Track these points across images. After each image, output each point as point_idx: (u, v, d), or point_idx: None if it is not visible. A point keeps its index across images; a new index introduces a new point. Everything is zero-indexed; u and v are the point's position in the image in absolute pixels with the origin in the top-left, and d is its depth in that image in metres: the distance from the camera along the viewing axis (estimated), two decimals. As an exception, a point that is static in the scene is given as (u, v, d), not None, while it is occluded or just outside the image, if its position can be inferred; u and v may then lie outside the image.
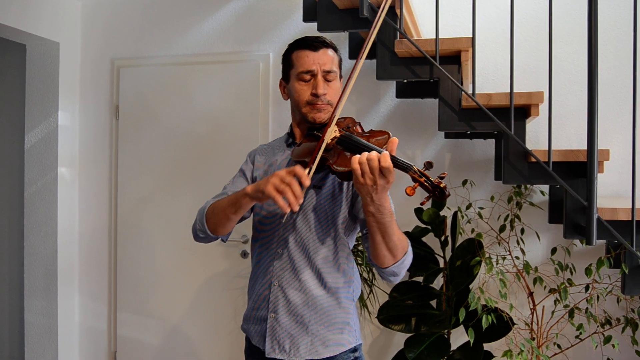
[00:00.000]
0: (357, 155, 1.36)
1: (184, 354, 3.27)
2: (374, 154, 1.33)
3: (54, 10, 3.22)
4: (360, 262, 2.75)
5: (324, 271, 1.65)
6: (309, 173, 1.48)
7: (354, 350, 1.71)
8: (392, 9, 2.27)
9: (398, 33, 2.25)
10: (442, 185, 1.30)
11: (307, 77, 1.67)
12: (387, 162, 1.32)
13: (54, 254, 3.29)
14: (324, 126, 1.63)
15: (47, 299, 3.31)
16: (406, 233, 2.65)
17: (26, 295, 3.36)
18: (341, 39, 2.94)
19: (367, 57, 2.80)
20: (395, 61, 2.29)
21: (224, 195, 1.75)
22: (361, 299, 2.71)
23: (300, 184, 1.41)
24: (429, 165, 1.32)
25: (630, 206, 2.04)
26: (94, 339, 3.45)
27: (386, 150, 1.37)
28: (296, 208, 1.40)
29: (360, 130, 1.64)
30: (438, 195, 1.31)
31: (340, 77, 1.77)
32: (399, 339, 2.89)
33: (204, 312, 3.23)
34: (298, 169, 1.41)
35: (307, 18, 2.52)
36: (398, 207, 2.94)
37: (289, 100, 1.78)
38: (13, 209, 3.48)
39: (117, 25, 3.38)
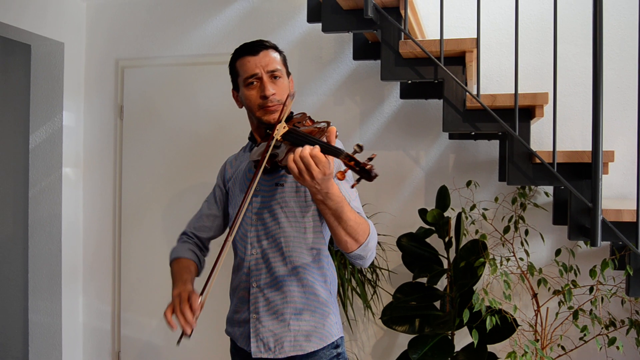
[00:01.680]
0: (291, 154, 1.39)
1: (187, 353, 3.27)
2: (306, 148, 1.36)
3: (59, 11, 3.23)
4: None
5: (299, 266, 1.68)
6: (257, 170, 1.54)
7: (337, 345, 1.74)
8: (396, 9, 2.27)
9: (402, 34, 2.25)
10: (367, 167, 1.31)
11: (253, 81, 1.70)
12: (317, 154, 1.35)
13: (58, 253, 3.30)
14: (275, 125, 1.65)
15: (51, 298, 3.32)
16: (410, 234, 2.66)
17: (30, 295, 3.37)
18: (345, 39, 2.95)
19: (371, 58, 2.81)
20: (399, 62, 2.29)
21: (199, 220, 1.98)
22: (365, 299, 2.71)
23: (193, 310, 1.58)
24: (358, 148, 1.33)
25: (635, 207, 2.04)
26: (98, 339, 3.46)
27: (325, 139, 1.41)
28: (188, 332, 1.53)
29: (310, 123, 1.66)
30: (365, 176, 1.32)
31: (289, 74, 1.78)
32: (402, 340, 2.88)
33: (208, 312, 3.22)
34: (194, 297, 1.59)
35: (311, 19, 2.52)
36: (401, 208, 2.96)
37: (243, 108, 1.83)
38: (17, 209, 3.49)
39: (121, 25, 3.39)
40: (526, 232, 2.66)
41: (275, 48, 1.76)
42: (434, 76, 2.26)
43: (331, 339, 1.71)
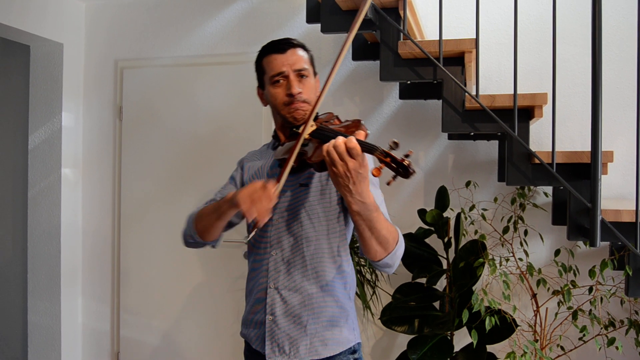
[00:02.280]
0: (326, 144, 1.35)
1: (186, 355, 3.27)
2: (340, 139, 1.33)
3: (58, 12, 3.23)
4: (363, 263, 2.75)
5: (319, 270, 1.64)
6: (284, 170, 1.50)
7: (354, 351, 1.70)
8: (395, 10, 2.27)
9: (401, 34, 2.25)
10: (405, 162, 1.28)
11: (280, 79, 1.67)
12: (352, 143, 1.31)
13: (57, 254, 3.29)
14: (303, 124, 1.62)
15: (50, 299, 3.32)
16: (409, 234, 2.66)
17: (29, 296, 3.37)
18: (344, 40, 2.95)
19: (371, 59, 2.81)
20: (398, 62, 2.29)
21: (213, 202, 1.78)
22: (364, 300, 2.71)
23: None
24: (394, 145, 1.31)
25: (634, 208, 2.04)
26: (97, 340, 3.46)
27: (355, 136, 1.37)
28: (261, 223, 1.45)
29: (338, 122, 1.64)
30: (402, 172, 1.29)
31: (315, 74, 1.76)
32: (402, 341, 2.88)
33: (206, 313, 3.23)
34: (269, 184, 1.45)
35: (310, 19, 2.52)
36: (400, 208, 2.96)
37: (267, 106, 1.79)
38: (17, 210, 3.49)
39: (121, 26, 3.39)
40: (525, 233, 2.66)
41: (303, 47, 1.73)
42: (433, 77, 2.26)
43: (348, 345, 1.67)
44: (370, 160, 1.61)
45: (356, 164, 1.31)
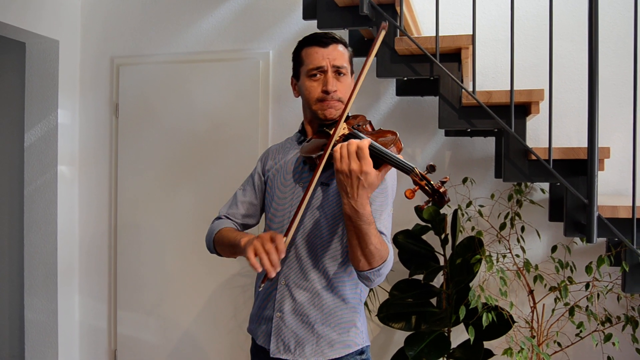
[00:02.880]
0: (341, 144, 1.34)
1: (184, 352, 3.27)
2: (353, 142, 1.32)
3: (54, 9, 3.22)
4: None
5: (332, 271, 1.63)
6: (317, 170, 1.48)
7: (361, 352, 1.69)
8: (392, 6, 2.26)
9: (398, 30, 2.25)
10: (442, 190, 1.28)
11: (317, 73, 1.65)
12: (362, 145, 1.30)
13: (54, 252, 3.29)
14: (334, 123, 1.61)
15: (47, 297, 3.31)
16: (406, 231, 2.66)
17: (26, 294, 3.36)
18: (341, 36, 2.94)
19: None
20: (395, 59, 2.29)
21: (233, 207, 1.83)
22: (361, 297, 2.71)
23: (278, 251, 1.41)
24: (431, 168, 1.30)
25: (631, 204, 2.04)
26: (94, 337, 3.45)
27: (393, 151, 1.35)
28: (272, 275, 1.40)
29: (370, 129, 1.62)
30: (437, 199, 1.29)
31: (352, 73, 1.74)
32: (399, 337, 2.89)
33: (204, 310, 3.23)
34: (278, 237, 1.42)
35: (307, 16, 2.51)
36: (398, 205, 2.94)
37: (299, 97, 1.77)
38: (13, 208, 3.48)
39: (116, 23, 3.37)
40: (522, 229, 2.67)
41: (346, 44, 1.72)
42: (429, 73, 2.26)
43: (355, 348, 1.67)
44: (391, 179, 1.61)
45: (358, 167, 1.31)
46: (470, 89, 2.18)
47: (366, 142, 1.32)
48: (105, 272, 3.42)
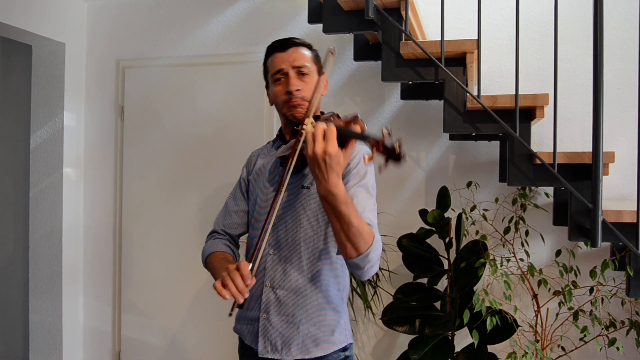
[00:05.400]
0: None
1: (188, 354, 3.28)
2: (321, 124, 1.35)
3: (60, 11, 3.23)
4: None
5: (314, 270, 1.67)
6: (289, 166, 1.52)
7: (344, 349, 1.73)
8: (397, 10, 2.27)
9: (403, 35, 2.26)
10: (397, 149, 1.29)
11: (280, 77, 1.69)
12: (331, 128, 1.34)
13: (59, 254, 3.30)
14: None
15: (51, 299, 3.32)
16: (411, 235, 2.66)
17: (31, 296, 3.38)
18: (346, 40, 2.95)
19: (372, 59, 2.82)
20: (400, 63, 2.30)
21: (228, 217, 1.89)
22: (365, 300, 2.72)
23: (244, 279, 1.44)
24: (387, 132, 1.32)
25: (636, 208, 2.04)
26: (98, 339, 3.46)
27: (356, 129, 1.40)
28: (240, 300, 1.43)
29: (337, 120, 1.64)
30: (394, 159, 1.29)
31: (321, 72, 1.75)
32: (403, 341, 2.89)
33: (207, 312, 3.23)
34: (242, 264, 1.44)
35: (312, 20, 2.52)
36: (402, 208, 2.96)
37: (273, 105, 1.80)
38: (18, 209, 3.50)
39: (122, 26, 3.39)
40: (526, 233, 2.66)
41: (307, 45, 1.75)
42: (434, 77, 2.26)
43: (339, 346, 1.71)
44: (370, 175, 1.64)
45: (321, 148, 1.33)
46: (475, 93, 2.18)
47: (332, 125, 1.35)
48: (110, 274, 3.43)
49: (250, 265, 1.48)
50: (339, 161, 1.36)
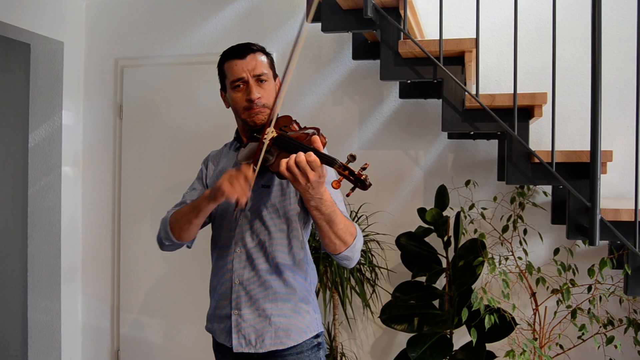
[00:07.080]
0: (285, 160, 1.44)
1: (186, 352, 3.28)
2: (301, 155, 1.42)
3: (58, 10, 3.23)
4: (363, 262, 2.75)
5: (281, 264, 1.73)
6: (254, 175, 1.58)
7: (316, 336, 1.80)
8: (395, 9, 2.27)
9: (402, 33, 2.26)
10: (362, 177, 1.38)
11: (240, 84, 1.74)
12: (312, 157, 1.41)
13: (57, 252, 3.30)
14: (263, 128, 1.67)
15: (50, 297, 3.32)
16: (409, 233, 2.67)
17: (29, 294, 3.37)
18: (344, 39, 2.95)
19: (371, 58, 2.82)
20: (398, 62, 2.30)
21: (184, 204, 1.87)
22: (364, 298, 2.72)
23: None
24: (352, 158, 1.39)
25: (634, 207, 2.05)
26: (97, 338, 3.46)
27: (313, 146, 1.47)
28: (244, 202, 1.52)
29: (296, 128, 1.70)
30: (360, 186, 1.39)
31: (276, 76, 1.82)
32: (401, 339, 2.89)
33: (206, 311, 3.23)
34: (244, 167, 1.53)
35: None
36: (400, 207, 2.96)
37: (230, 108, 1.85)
38: (17, 208, 3.49)
39: (121, 25, 3.39)
40: (525, 232, 2.67)
41: (263, 51, 1.80)
42: (433, 76, 2.27)
43: (311, 334, 1.77)
44: (330, 170, 1.69)
45: (316, 175, 1.42)
46: (474, 92, 2.18)
47: (311, 154, 1.42)
48: (108, 273, 3.43)
49: (253, 166, 1.55)
50: (324, 176, 1.46)
